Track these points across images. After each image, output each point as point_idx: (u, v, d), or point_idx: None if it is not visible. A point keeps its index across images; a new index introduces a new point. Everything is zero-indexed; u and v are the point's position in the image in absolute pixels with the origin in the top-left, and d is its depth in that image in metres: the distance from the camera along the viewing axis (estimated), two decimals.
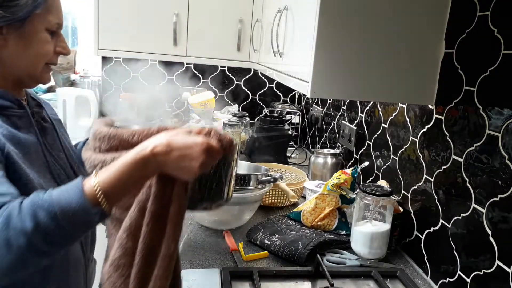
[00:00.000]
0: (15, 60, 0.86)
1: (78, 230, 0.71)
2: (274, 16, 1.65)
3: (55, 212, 0.67)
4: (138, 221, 0.78)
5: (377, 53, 1.19)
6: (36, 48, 0.87)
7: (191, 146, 0.73)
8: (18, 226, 0.66)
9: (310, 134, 2.72)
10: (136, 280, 0.77)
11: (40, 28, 0.86)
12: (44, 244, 0.67)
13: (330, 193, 1.48)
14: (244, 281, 1.15)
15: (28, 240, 0.66)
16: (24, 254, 0.66)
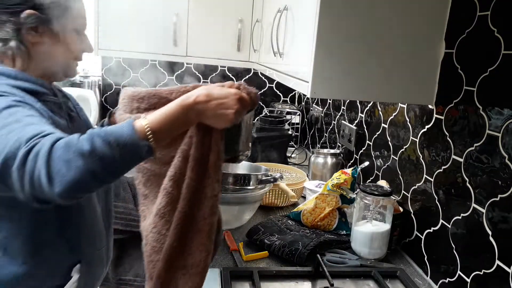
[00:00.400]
0: (49, 55, 0.98)
1: (128, 160, 0.78)
2: (274, 16, 1.65)
3: (110, 140, 0.75)
4: (182, 169, 0.87)
5: (377, 53, 1.19)
6: (66, 45, 0.99)
7: (227, 96, 0.83)
8: (77, 149, 0.74)
9: (310, 134, 2.72)
10: (180, 223, 0.86)
11: (69, 28, 0.99)
12: (99, 168, 0.74)
13: (330, 193, 1.48)
14: (244, 281, 1.15)
15: (85, 162, 0.73)
16: (81, 174, 0.73)
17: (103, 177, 0.76)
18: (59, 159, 0.73)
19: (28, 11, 0.93)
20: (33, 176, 0.74)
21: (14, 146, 0.76)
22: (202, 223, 0.88)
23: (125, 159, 0.77)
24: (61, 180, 0.73)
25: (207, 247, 0.89)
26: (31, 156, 0.74)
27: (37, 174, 0.74)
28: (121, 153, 0.75)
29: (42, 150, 0.74)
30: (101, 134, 0.76)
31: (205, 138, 0.87)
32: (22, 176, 0.75)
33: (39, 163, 0.74)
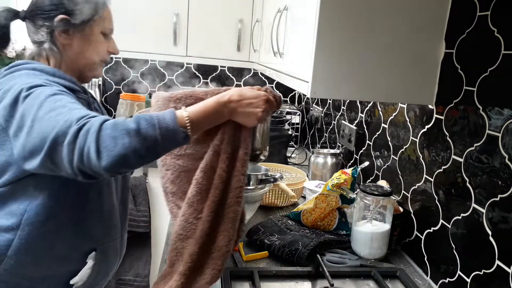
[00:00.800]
0: (78, 56, 1.08)
1: (168, 143, 0.86)
2: (274, 16, 1.65)
3: (154, 123, 0.84)
4: (213, 162, 0.97)
5: (377, 53, 1.19)
6: (94, 47, 1.09)
7: (256, 97, 0.94)
8: (124, 127, 0.82)
9: (310, 134, 2.72)
10: (213, 210, 0.95)
11: (97, 31, 1.09)
12: (142, 146, 0.82)
13: (330, 193, 1.48)
14: (244, 281, 1.15)
15: (130, 140, 0.81)
16: (126, 151, 0.81)
17: (144, 155, 0.83)
18: (107, 136, 0.82)
19: (60, 16, 1.04)
20: (83, 150, 0.82)
21: (65, 125, 0.84)
22: (228, 211, 0.97)
23: (165, 141, 0.84)
24: (108, 155, 0.81)
25: (230, 233, 0.97)
26: (82, 133, 0.83)
27: (86, 149, 0.82)
28: (162, 135, 0.83)
29: (92, 128, 0.83)
30: (146, 117, 0.84)
31: (236, 135, 0.97)
32: (72, 151, 0.83)
33: (89, 139, 0.82)
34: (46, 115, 0.88)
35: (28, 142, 0.89)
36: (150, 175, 2.39)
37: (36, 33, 1.06)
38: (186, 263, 0.96)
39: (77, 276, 1.09)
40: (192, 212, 0.98)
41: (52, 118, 0.86)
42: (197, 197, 0.98)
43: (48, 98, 0.91)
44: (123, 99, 3.02)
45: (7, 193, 1.01)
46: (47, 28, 1.05)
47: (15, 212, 1.00)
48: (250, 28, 2.54)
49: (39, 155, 0.87)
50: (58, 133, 0.84)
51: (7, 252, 1.00)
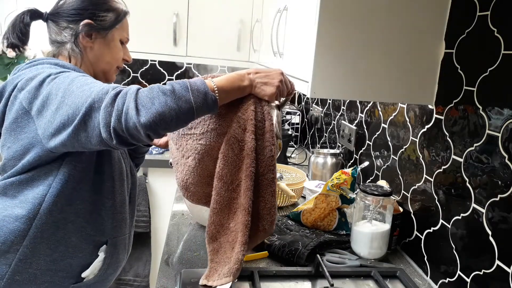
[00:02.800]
0: (97, 59, 1.15)
1: (200, 104, 0.92)
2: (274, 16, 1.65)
3: (187, 85, 0.91)
4: (238, 134, 1.05)
5: (377, 53, 1.19)
6: (113, 52, 1.17)
7: (271, 71, 1.06)
8: (160, 89, 0.90)
9: (310, 134, 2.72)
10: (246, 179, 1.04)
11: (117, 38, 1.17)
12: (177, 106, 0.89)
13: (330, 193, 1.48)
14: (244, 281, 1.15)
15: (166, 99, 0.88)
16: (163, 108, 0.88)
17: (180, 114, 0.90)
18: (145, 96, 0.89)
19: (86, 20, 1.10)
20: (122, 110, 0.88)
21: (102, 91, 0.91)
22: (262, 179, 1.06)
23: (197, 102, 0.91)
24: (146, 112, 0.87)
25: (268, 200, 1.07)
26: (120, 96, 0.89)
27: (125, 108, 0.88)
28: (195, 96, 0.91)
29: (129, 91, 0.90)
30: (180, 82, 0.93)
31: (258, 109, 1.06)
32: (110, 113, 0.88)
33: (128, 100, 0.88)
34: (79, 88, 0.93)
35: (58, 116, 0.93)
36: (150, 175, 2.39)
37: (59, 33, 1.12)
38: (234, 232, 1.06)
39: (89, 269, 1.12)
40: (223, 185, 1.06)
41: (86, 89, 0.92)
42: (225, 170, 1.05)
43: (77, 77, 0.97)
44: None
45: (24, 181, 1.04)
46: (71, 30, 1.11)
47: (31, 201, 1.03)
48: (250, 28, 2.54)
49: (69, 126, 0.91)
50: (95, 99, 0.89)
51: (23, 241, 1.02)
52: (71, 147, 0.96)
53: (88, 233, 1.10)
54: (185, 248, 1.35)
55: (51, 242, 1.05)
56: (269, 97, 1.05)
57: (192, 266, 1.24)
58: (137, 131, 0.88)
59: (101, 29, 1.13)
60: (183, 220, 1.56)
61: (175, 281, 1.15)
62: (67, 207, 1.05)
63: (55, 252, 1.06)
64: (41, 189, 1.03)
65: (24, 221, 1.02)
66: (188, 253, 1.31)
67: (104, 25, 1.13)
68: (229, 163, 1.05)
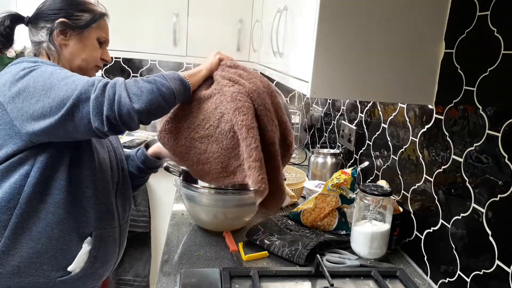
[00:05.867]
0: (73, 57, 1.17)
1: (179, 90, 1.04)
2: (274, 16, 1.65)
3: (164, 75, 1.03)
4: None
5: (377, 53, 1.19)
6: (89, 50, 1.19)
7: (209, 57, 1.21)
8: (143, 80, 1.00)
9: (310, 134, 2.72)
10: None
11: (93, 37, 1.19)
12: (162, 91, 0.99)
13: (330, 193, 1.48)
14: (244, 281, 1.15)
15: (151, 86, 0.98)
16: (152, 95, 0.98)
17: (165, 100, 1.00)
18: (133, 86, 0.97)
19: (61, 19, 1.14)
20: (113, 99, 0.95)
21: (87, 84, 0.97)
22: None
23: (176, 88, 1.03)
24: (138, 99, 0.96)
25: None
26: (109, 86, 0.96)
27: (118, 96, 0.95)
28: (173, 83, 1.02)
29: (118, 82, 0.97)
30: (156, 74, 1.03)
31: (219, 71, 1.19)
32: (101, 102, 0.95)
33: (118, 89, 0.96)
34: (61, 82, 0.98)
35: (39, 108, 0.97)
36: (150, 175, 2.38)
37: (37, 34, 1.16)
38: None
39: (74, 261, 1.12)
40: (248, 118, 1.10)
41: (69, 82, 0.97)
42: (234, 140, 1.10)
43: (55, 70, 1.02)
44: None
45: (1, 171, 1.05)
46: (48, 29, 1.15)
47: (9, 190, 1.04)
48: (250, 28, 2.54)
49: (53, 117, 0.96)
50: (81, 91, 0.95)
51: (4, 231, 1.04)
52: (54, 136, 1.01)
53: (71, 225, 1.11)
54: (185, 248, 1.35)
55: (33, 233, 1.06)
56: (215, 61, 1.19)
57: (192, 266, 1.24)
58: (131, 118, 0.96)
59: (76, 27, 1.15)
60: (183, 220, 1.56)
61: (175, 281, 1.15)
62: (46, 196, 1.07)
63: (38, 244, 1.07)
64: (17, 178, 1.05)
65: (4, 211, 1.04)
66: (188, 253, 1.31)
67: (79, 24, 1.16)
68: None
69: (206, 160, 1.12)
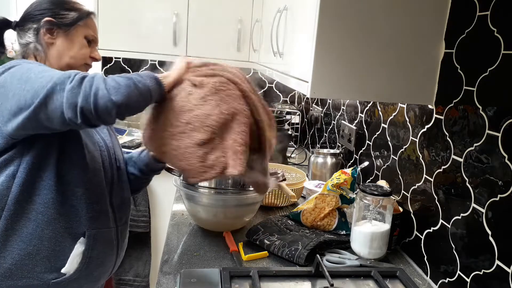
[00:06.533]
0: (61, 55, 1.16)
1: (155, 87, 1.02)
2: (273, 16, 1.65)
3: (139, 74, 1.01)
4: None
5: (377, 53, 1.19)
6: (76, 48, 1.18)
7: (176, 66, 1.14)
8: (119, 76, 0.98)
9: (310, 134, 2.72)
10: None
11: (80, 34, 1.18)
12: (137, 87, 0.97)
13: (330, 193, 1.48)
14: (244, 281, 1.15)
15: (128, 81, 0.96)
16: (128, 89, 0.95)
17: (142, 96, 0.98)
18: (111, 80, 0.96)
19: (47, 18, 1.13)
20: (90, 92, 0.93)
21: (64, 76, 0.94)
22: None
23: (152, 86, 1.01)
24: (116, 92, 0.94)
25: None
26: (87, 80, 0.94)
27: (95, 89, 0.93)
28: (149, 81, 1.00)
29: (97, 76, 0.96)
30: (130, 73, 1.01)
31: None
32: (76, 94, 0.92)
33: (96, 83, 0.94)
34: (37, 75, 0.96)
35: (15, 101, 0.96)
36: None
37: (24, 36, 1.16)
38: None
39: (67, 263, 1.10)
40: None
41: (46, 75, 0.96)
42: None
43: (34, 66, 1.01)
44: None
45: None
46: (34, 30, 1.15)
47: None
48: (250, 28, 2.54)
49: (27, 109, 0.94)
50: (57, 82, 0.93)
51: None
52: (31, 129, 0.99)
53: (62, 225, 1.09)
54: (185, 248, 1.35)
55: (23, 234, 1.05)
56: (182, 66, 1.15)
57: (192, 266, 1.24)
58: (107, 110, 0.94)
59: (62, 25, 1.15)
60: (183, 220, 1.56)
61: (175, 281, 1.15)
62: (34, 197, 1.05)
63: (29, 246, 1.05)
64: (4, 179, 1.03)
65: None
66: (188, 253, 1.31)
67: (65, 22, 1.15)
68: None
69: (183, 156, 1.08)
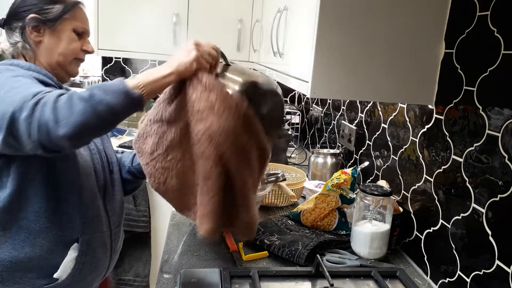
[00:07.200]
0: (49, 53, 1.12)
1: (123, 105, 0.89)
2: (274, 16, 1.65)
3: (104, 88, 0.89)
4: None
5: (377, 53, 1.19)
6: (65, 43, 1.13)
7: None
8: (79, 96, 0.87)
9: (310, 134, 2.72)
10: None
11: (68, 28, 1.13)
12: (97, 111, 0.86)
13: (330, 193, 1.48)
14: (244, 281, 1.15)
15: (85, 105, 0.86)
16: (83, 116, 0.85)
17: (101, 119, 0.87)
18: (63, 105, 0.86)
19: (31, 15, 1.09)
20: (41, 122, 0.85)
21: (21, 101, 0.88)
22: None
23: (118, 103, 0.88)
24: (66, 123, 0.84)
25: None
26: (39, 106, 0.86)
27: (44, 120, 0.85)
28: (114, 98, 0.88)
29: (48, 101, 0.86)
30: (98, 85, 0.90)
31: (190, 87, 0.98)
32: (30, 124, 0.86)
33: (46, 110, 0.85)
34: (6, 94, 0.92)
35: None
36: None
37: (12, 35, 1.13)
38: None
39: (60, 269, 1.08)
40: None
41: (12, 96, 0.90)
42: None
43: (9, 79, 0.97)
44: None
45: None
46: (20, 28, 1.11)
47: None
48: (250, 28, 2.54)
49: (1, 132, 0.90)
50: (15, 109, 0.87)
51: None
52: (11, 149, 0.94)
53: (54, 233, 1.07)
54: (185, 248, 1.35)
55: (15, 242, 1.04)
56: (189, 68, 0.96)
57: (192, 266, 1.24)
58: (58, 143, 0.87)
59: (48, 20, 1.10)
60: (183, 220, 1.56)
61: (175, 281, 1.15)
62: (25, 205, 1.04)
63: (21, 253, 1.04)
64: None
65: None
66: (188, 253, 1.31)
67: (50, 17, 1.10)
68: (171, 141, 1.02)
69: (166, 190, 1.05)
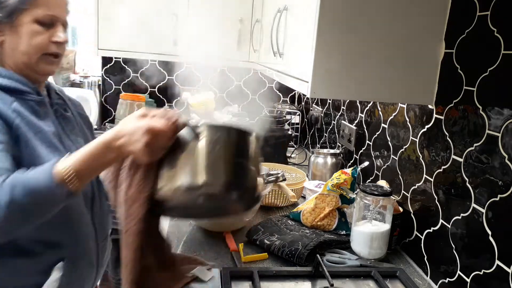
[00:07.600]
0: (15, 53, 0.98)
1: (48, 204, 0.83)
2: (274, 16, 1.65)
3: (28, 190, 0.80)
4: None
5: (377, 53, 1.19)
6: (27, 39, 0.97)
7: (134, 130, 0.83)
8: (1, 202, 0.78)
9: (310, 134, 2.72)
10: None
11: (27, 21, 0.96)
12: (20, 216, 0.80)
13: (330, 193, 1.48)
14: (244, 281, 1.15)
15: (4, 212, 0.78)
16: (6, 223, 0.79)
17: (23, 222, 0.82)
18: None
19: None
20: None
21: None
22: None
23: (44, 204, 0.83)
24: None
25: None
26: None
27: None
28: (38, 200, 0.81)
29: None
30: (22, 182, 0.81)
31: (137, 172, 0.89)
32: None
33: None
34: None
35: None
36: None
37: None
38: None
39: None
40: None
41: None
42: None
43: None
44: (123, 99, 3.01)
45: None
46: None
47: None
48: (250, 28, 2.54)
49: None
50: None
51: None
52: None
53: (35, 260, 0.98)
54: (185, 248, 1.35)
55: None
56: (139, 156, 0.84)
57: None
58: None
59: (3, 17, 0.95)
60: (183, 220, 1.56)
61: None
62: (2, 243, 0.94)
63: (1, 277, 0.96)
64: None
65: None
66: (188, 253, 1.31)
67: (7, 11, 0.95)
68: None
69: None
